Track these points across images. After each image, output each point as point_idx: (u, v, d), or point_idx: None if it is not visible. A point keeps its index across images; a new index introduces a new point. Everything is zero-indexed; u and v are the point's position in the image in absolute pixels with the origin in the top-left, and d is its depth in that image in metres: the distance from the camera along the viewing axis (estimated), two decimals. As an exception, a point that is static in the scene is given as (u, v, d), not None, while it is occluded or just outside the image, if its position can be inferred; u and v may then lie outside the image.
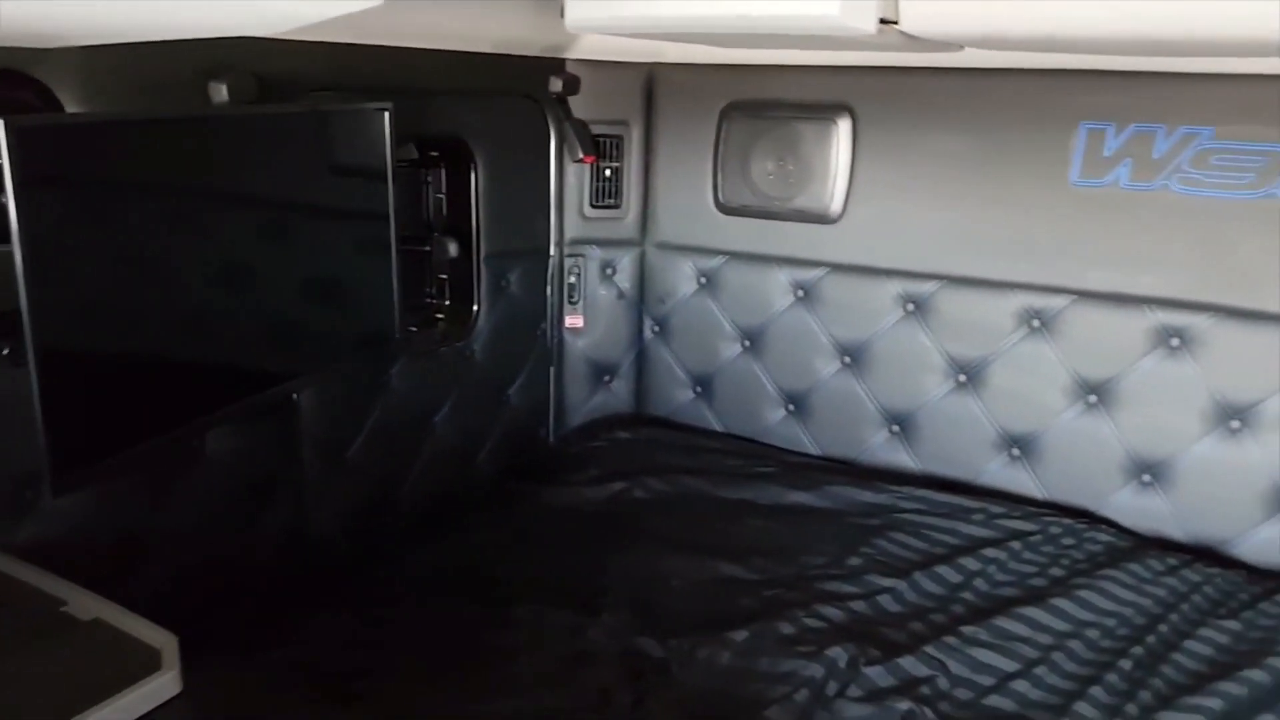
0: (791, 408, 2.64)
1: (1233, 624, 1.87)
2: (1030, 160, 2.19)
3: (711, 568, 2.06)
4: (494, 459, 2.51)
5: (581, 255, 2.68)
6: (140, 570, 1.65)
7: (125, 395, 1.47)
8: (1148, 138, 2.06)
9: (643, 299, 2.77)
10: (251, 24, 1.42)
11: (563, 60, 2.42)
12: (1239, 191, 2.00)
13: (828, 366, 2.55)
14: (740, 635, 1.82)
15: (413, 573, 2.05)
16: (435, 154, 2.23)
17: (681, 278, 2.71)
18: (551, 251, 2.61)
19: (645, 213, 2.70)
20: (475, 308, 2.35)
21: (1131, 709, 1.65)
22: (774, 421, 2.67)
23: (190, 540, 1.76)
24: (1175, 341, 2.12)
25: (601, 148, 2.58)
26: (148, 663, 1.18)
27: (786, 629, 1.85)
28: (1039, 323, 2.26)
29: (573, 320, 2.71)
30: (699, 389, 2.77)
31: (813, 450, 2.62)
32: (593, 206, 2.65)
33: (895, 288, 2.41)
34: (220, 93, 1.64)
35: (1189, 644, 1.82)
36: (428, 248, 2.25)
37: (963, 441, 2.40)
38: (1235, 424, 2.09)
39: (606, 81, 2.52)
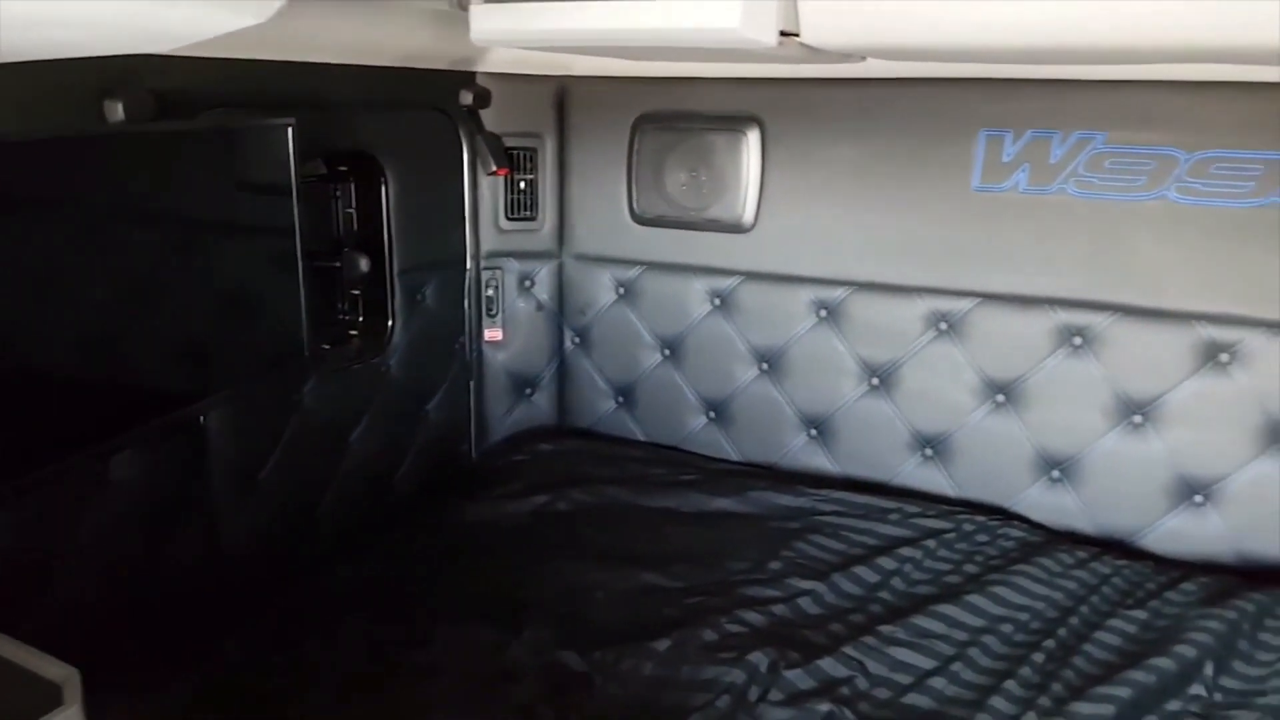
0: (712, 415, 2.66)
1: (1140, 613, 1.93)
2: (933, 167, 2.24)
3: (635, 578, 2.06)
4: (414, 476, 2.48)
5: (499, 268, 2.67)
6: (42, 601, 1.59)
7: (20, 419, 1.41)
8: (1044, 143, 2.12)
9: (562, 310, 2.77)
10: (140, 42, 1.39)
11: (473, 73, 2.40)
12: (1132, 194, 2.08)
13: (746, 373, 2.58)
14: (663, 644, 1.82)
15: (330, 594, 2.00)
16: (344, 169, 2.20)
17: (600, 288, 2.71)
18: (468, 265, 2.59)
19: (562, 224, 2.70)
20: (390, 323, 2.32)
21: (1044, 701, 1.69)
22: (696, 429, 2.69)
23: (95, 568, 1.69)
24: (1077, 340, 2.19)
25: (515, 160, 2.57)
26: (48, 699, 1.13)
27: (709, 636, 1.85)
28: (946, 325, 2.32)
29: (491, 333, 2.69)
30: (621, 399, 2.77)
31: (734, 456, 2.65)
32: (508, 219, 2.63)
33: (808, 294, 2.45)
34: (116, 111, 1.58)
35: (1099, 635, 1.87)
36: (338, 263, 2.21)
37: (878, 443, 2.45)
38: (1137, 419, 2.17)
39: (518, 94, 2.52)
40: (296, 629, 1.87)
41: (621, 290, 2.69)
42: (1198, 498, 2.14)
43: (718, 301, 2.57)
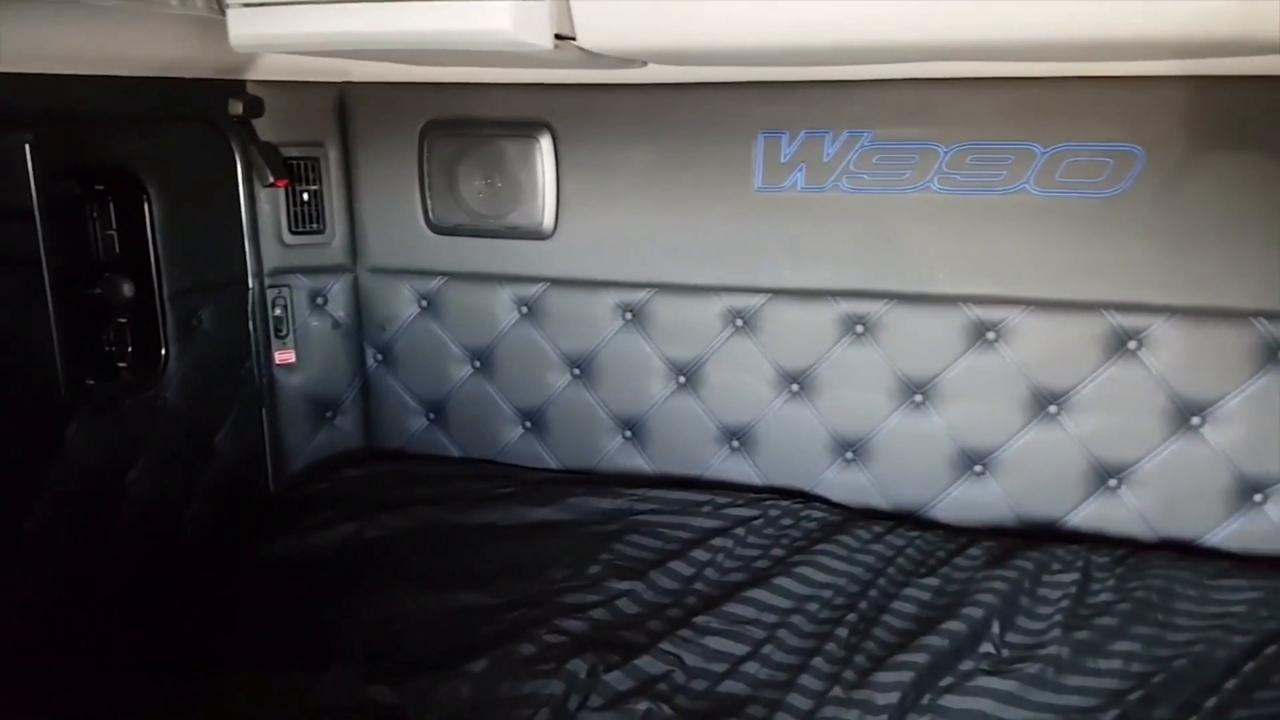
0: (528, 424, 2.63)
1: (933, 581, 2.03)
2: (718, 170, 2.30)
3: (452, 599, 2.00)
4: (205, 516, 2.30)
5: (286, 285, 2.53)
6: None
7: None
8: (818, 143, 2.22)
9: (361, 327, 2.66)
10: None
11: (242, 81, 2.27)
12: (899, 188, 2.20)
13: (559, 380, 2.57)
14: (480, 665, 1.76)
15: (112, 656, 1.82)
16: (101, 187, 2.02)
17: (401, 302, 2.63)
18: (250, 283, 2.44)
19: (354, 236, 2.59)
20: (163, 351, 2.15)
21: (849, 674, 1.75)
22: (512, 440, 2.65)
23: None
24: (859, 328, 2.31)
25: (295, 170, 2.45)
26: None
27: (528, 649, 1.82)
28: (742, 321, 2.39)
29: (283, 356, 2.55)
30: (432, 415, 2.70)
31: (553, 464, 2.63)
32: (293, 233, 2.50)
33: (612, 298, 2.47)
34: None
35: (896, 604, 1.96)
36: (99, 290, 2.03)
37: (688, 439, 2.49)
38: (918, 398, 2.30)
39: (294, 102, 2.41)
40: (75, 701, 1.69)
41: (424, 302, 2.61)
42: (978, 467, 2.30)
43: (525, 309, 2.54)
